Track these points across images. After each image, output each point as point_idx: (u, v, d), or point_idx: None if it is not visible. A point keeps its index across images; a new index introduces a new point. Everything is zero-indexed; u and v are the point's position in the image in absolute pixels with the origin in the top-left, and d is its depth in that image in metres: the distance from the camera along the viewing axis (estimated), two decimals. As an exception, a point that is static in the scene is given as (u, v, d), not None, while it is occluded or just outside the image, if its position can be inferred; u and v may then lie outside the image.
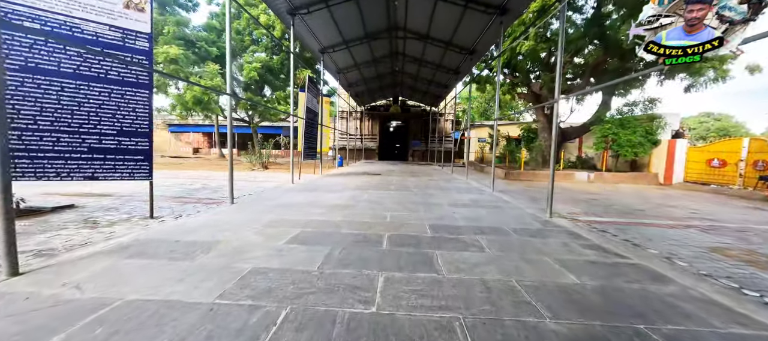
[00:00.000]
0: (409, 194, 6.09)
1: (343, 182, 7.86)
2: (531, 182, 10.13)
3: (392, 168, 13.84)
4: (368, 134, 23.16)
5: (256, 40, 13.94)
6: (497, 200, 5.86)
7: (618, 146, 10.17)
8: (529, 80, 13.91)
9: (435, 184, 8.09)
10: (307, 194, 5.87)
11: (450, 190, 7.00)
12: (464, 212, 4.54)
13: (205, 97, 11.07)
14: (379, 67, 13.88)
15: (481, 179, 10.67)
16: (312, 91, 8.94)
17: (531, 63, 12.67)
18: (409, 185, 7.77)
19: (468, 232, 3.43)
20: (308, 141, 9.00)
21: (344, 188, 6.74)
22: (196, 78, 11.18)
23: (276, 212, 4.20)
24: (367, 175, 10.16)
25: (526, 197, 6.99)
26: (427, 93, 17.65)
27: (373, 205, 4.87)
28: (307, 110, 8.58)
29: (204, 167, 12.33)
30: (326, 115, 12.74)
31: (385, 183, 7.91)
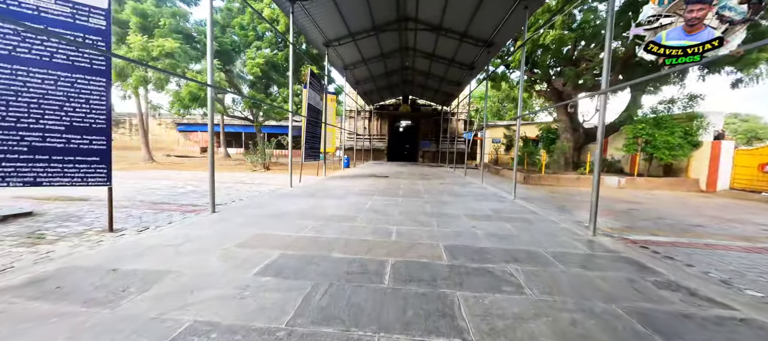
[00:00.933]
0: (420, 202, 5.33)
1: (346, 186, 7.15)
2: (554, 187, 9.21)
3: (401, 170, 13.08)
4: (377, 134, 22.47)
5: (260, 36, 13.41)
6: (522, 210, 5.03)
7: (653, 148, 9.13)
8: (550, 77, 12.92)
9: (448, 189, 7.30)
10: (304, 200, 5.19)
11: (465, 197, 6.20)
12: (486, 226, 3.76)
13: (201, 93, 10.51)
14: (388, 63, 13.15)
15: (498, 183, 9.80)
16: (315, 87, 8.28)
17: (552, 58, 11.70)
18: (420, 189, 7.01)
19: (496, 258, 2.66)
20: (310, 141, 8.34)
21: (347, 194, 6.03)
22: (193, 73, 10.68)
23: (260, 224, 3.51)
24: (374, 178, 9.44)
25: (554, 206, 6.13)
26: (439, 91, 16.82)
27: (377, 216, 4.13)
28: (308, 107, 7.92)
29: (204, 168, 11.86)
30: (332, 113, 12.10)
31: (393, 188, 7.17)
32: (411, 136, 25.48)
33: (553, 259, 2.71)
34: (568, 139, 11.81)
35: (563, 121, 12.11)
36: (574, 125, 12.23)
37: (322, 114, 9.22)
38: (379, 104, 21.95)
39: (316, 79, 8.38)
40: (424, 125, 22.35)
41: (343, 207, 4.66)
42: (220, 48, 13.02)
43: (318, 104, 8.78)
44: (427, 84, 16.37)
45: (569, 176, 9.74)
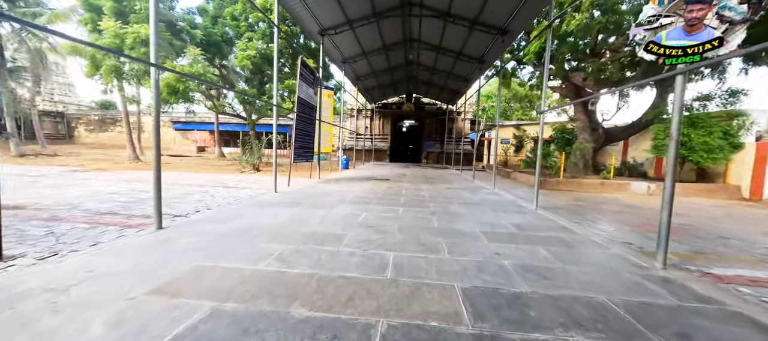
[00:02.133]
0: (425, 214, 4.40)
1: (340, 191, 6.24)
2: (576, 194, 8.21)
3: (404, 172, 12.15)
4: (379, 133, 21.56)
5: (252, 26, 12.53)
6: (552, 225, 4.07)
7: (688, 150, 8.10)
8: (566, 72, 11.92)
9: (457, 195, 6.36)
10: (285, 210, 4.28)
11: (478, 206, 5.25)
12: (515, 253, 2.82)
13: (179, 85, 9.61)
14: (390, 57, 12.23)
15: (512, 188, 8.82)
16: (306, 78, 7.38)
17: (569, 52, 10.69)
18: (424, 196, 6.07)
19: (545, 318, 1.72)
20: (302, 140, 7.44)
21: (339, 201, 5.11)
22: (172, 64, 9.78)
23: (209, 249, 2.61)
24: (374, 181, 8.51)
25: (587, 219, 5.16)
26: (444, 88, 15.86)
27: (370, 235, 3.20)
28: (299, 102, 7.02)
29: (191, 168, 11.03)
30: (329, 111, 11.21)
31: (394, 194, 6.24)
32: (414, 136, 24.53)
33: (632, 319, 1.76)
34: (587, 139, 10.79)
35: (581, 119, 11.10)
36: (593, 125, 11.22)
37: (316, 110, 8.32)
38: (381, 103, 21.03)
39: (308, 71, 7.48)
40: (428, 124, 21.39)
41: (328, 221, 3.74)
42: (210, 39, 12.17)
43: (311, 99, 7.87)
44: (433, 80, 15.42)
45: (592, 181, 8.74)
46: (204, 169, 11.00)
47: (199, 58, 9.70)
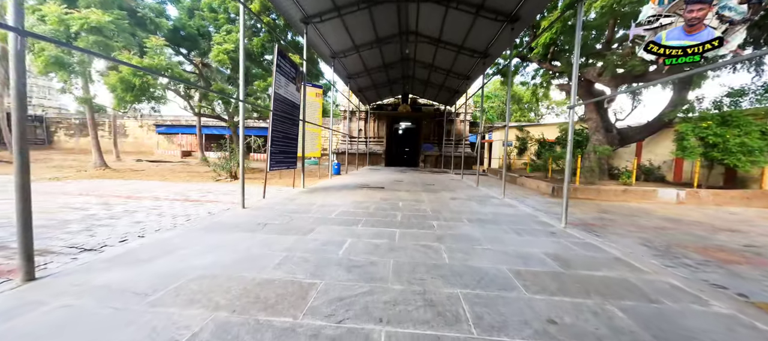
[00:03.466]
0: (429, 240, 3.34)
1: (324, 206, 5.16)
2: (596, 203, 7.22)
3: (400, 178, 11.10)
4: (374, 136, 20.53)
5: (232, 19, 11.43)
6: (603, 257, 3.03)
7: (722, 151, 7.16)
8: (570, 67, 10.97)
9: (465, 207, 5.31)
10: (242, 238, 3.19)
11: (495, 224, 4.20)
12: (577, 317, 1.77)
13: (135, 81, 8.41)
14: (385, 52, 11.21)
15: (523, 197, 7.81)
16: (286, 72, 6.31)
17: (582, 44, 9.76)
18: (426, 209, 5.02)
19: None
20: (281, 143, 6.37)
21: (319, 221, 4.04)
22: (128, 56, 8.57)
23: (70, 335, 1.52)
24: (366, 190, 7.44)
25: (634, 242, 4.14)
26: (443, 88, 14.87)
27: (351, 285, 2.15)
28: (277, 99, 5.96)
29: (164, 176, 9.87)
30: (317, 111, 10.14)
31: (389, 207, 5.18)
32: (411, 138, 23.54)
33: None
34: (601, 141, 9.84)
35: (593, 119, 10.15)
36: (606, 125, 10.28)
37: (299, 110, 7.25)
38: (376, 104, 20.01)
39: (287, 63, 6.41)
40: (425, 126, 20.41)
41: (296, 258, 2.66)
42: (185, 32, 11.04)
43: (292, 97, 6.81)
44: (430, 79, 14.43)
45: (612, 187, 7.75)
46: (178, 177, 9.84)
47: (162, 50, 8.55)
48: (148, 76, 8.19)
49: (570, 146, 4.31)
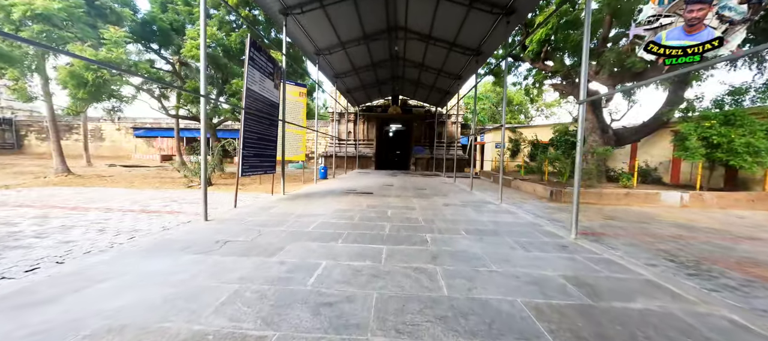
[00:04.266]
0: (423, 261, 2.77)
1: (302, 216, 4.53)
2: (599, 207, 6.78)
3: (391, 182, 10.53)
4: (363, 139, 19.93)
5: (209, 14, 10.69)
6: (631, 279, 2.51)
7: (727, 152, 6.85)
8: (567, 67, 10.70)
9: (461, 215, 4.76)
10: (190, 262, 2.56)
11: (497, 237, 3.66)
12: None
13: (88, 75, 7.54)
14: (373, 50, 10.66)
15: (521, 201, 7.33)
16: (261, 66, 5.66)
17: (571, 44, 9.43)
18: (418, 219, 4.44)
19: None
20: (255, 145, 5.71)
21: (292, 237, 3.42)
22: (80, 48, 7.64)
23: None
24: (353, 196, 6.84)
25: (656, 254, 3.65)
26: (434, 89, 14.41)
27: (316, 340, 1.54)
28: (248, 95, 5.31)
29: (132, 183, 9.03)
30: (301, 112, 9.50)
31: (377, 216, 4.58)
32: (402, 141, 23.07)
33: None
34: (597, 141, 9.50)
35: (590, 120, 9.81)
36: (602, 125, 9.96)
37: (278, 109, 6.61)
38: (365, 105, 19.43)
39: (263, 57, 5.77)
40: (416, 128, 19.92)
41: (248, 295, 2.04)
42: (157, 26, 10.24)
43: (270, 94, 6.16)
44: (421, 79, 13.94)
45: (614, 191, 7.36)
46: (147, 183, 9.02)
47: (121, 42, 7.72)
48: (103, 71, 7.34)
49: (580, 146, 3.82)
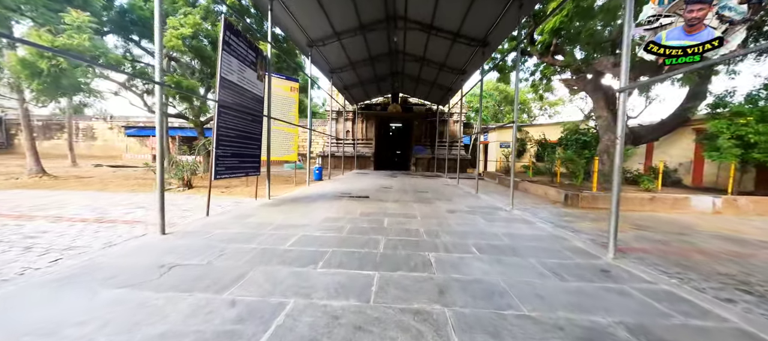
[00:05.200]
0: (425, 298, 2.07)
1: (281, 229, 3.83)
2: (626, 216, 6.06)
3: (389, 184, 9.81)
4: (362, 138, 19.23)
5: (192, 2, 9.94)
6: (724, 327, 1.78)
7: (765, 152, 6.13)
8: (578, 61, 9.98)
9: (467, 225, 4.04)
10: (102, 304, 1.85)
11: (518, 257, 2.96)
12: None
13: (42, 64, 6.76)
14: (370, 42, 9.95)
15: (534, 207, 6.59)
16: (238, 52, 4.94)
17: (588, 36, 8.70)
18: (419, 232, 3.73)
19: None
20: (234, 144, 5.00)
21: (260, 259, 2.71)
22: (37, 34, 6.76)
23: None
24: (346, 201, 6.13)
25: (732, 283, 2.94)
26: (436, 85, 13.70)
27: None
28: (223, 85, 4.60)
29: (107, 186, 8.33)
30: (293, 108, 8.81)
31: (371, 228, 3.87)
32: (402, 140, 22.37)
33: None
34: (612, 141, 8.76)
35: (604, 117, 9.09)
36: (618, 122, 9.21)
37: (262, 103, 5.90)
38: (364, 103, 18.73)
39: (243, 43, 5.05)
40: (417, 127, 19.20)
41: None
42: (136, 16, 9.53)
43: (252, 86, 5.45)
44: (422, 75, 13.23)
45: (637, 195, 6.63)
46: (126, 185, 8.32)
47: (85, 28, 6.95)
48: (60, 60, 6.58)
49: (621, 143, 3.12)
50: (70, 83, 7.02)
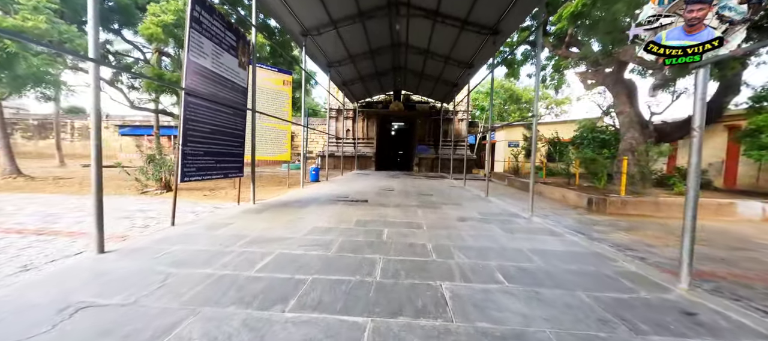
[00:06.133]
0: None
1: (255, 244, 3.10)
2: (658, 221, 5.28)
3: (391, 185, 9.07)
4: (363, 137, 18.49)
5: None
6: None
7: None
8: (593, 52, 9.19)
9: (485, 238, 3.30)
10: None
11: (557, 284, 2.20)
12: None
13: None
14: (371, 34, 9.22)
15: (553, 213, 5.81)
16: (212, 32, 4.22)
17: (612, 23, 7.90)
18: (427, 250, 2.99)
19: None
20: (208, 141, 4.29)
21: (206, 297, 1.98)
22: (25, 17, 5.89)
23: None
24: (342, 206, 5.40)
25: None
26: (440, 81, 12.94)
27: None
28: (191, 69, 3.88)
29: (81, 189, 7.67)
30: (286, 103, 8.09)
31: (366, 245, 3.14)
32: (404, 140, 21.62)
33: None
34: (637, 139, 7.97)
35: (626, 113, 8.29)
36: (641, 120, 8.43)
37: (245, 95, 5.18)
38: (365, 101, 18.00)
39: (218, 20, 4.33)
40: (420, 126, 18.42)
41: None
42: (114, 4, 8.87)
43: (232, 75, 4.74)
44: (426, 71, 12.47)
45: (674, 199, 5.85)
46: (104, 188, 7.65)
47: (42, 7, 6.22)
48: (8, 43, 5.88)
49: (699, 137, 2.37)
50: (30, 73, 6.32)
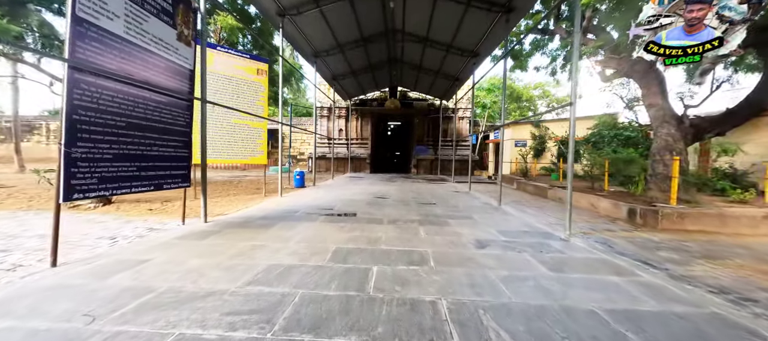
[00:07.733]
0: None
1: (162, 309, 1.84)
2: (730, 240, 4.11)
3: (387, 191, 7.85)
4: (356, 137, 17.27)
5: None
6: None
7: None
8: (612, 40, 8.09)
9: (525, 280, 2.09)
10: None
11: None
12: None
13: None
14: (361, 18, 8.01)
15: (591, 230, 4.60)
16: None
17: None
18: (439, 311, 1.76)
19: None
20: (122, 142, 3.03)
21: None
22: None
23: None
24: (321, 223, 4.16)
25: None
26: (440, 74, 11.76)
27: None
28: (81, 33, 2.63)
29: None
30: (260, 96, 6.87)
31: (339, 308, 1.91)
32: (401, 139, 20.46)
33: None
34: (674, 135, 6.82)
35: (658, 106, 7.16)
36: (674, 114, 7.30)
37: (191, 80, 3.94)
38: (358, 99, 16.80)
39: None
40: (418, 125, 17.24)
41: None
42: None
43: (167, 51, 3.50)
44: (424, 63, 11.30)
45: (741, 210, 4.69)
46: (33, 202, 6.35)
47: None
48: None
49: None
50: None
